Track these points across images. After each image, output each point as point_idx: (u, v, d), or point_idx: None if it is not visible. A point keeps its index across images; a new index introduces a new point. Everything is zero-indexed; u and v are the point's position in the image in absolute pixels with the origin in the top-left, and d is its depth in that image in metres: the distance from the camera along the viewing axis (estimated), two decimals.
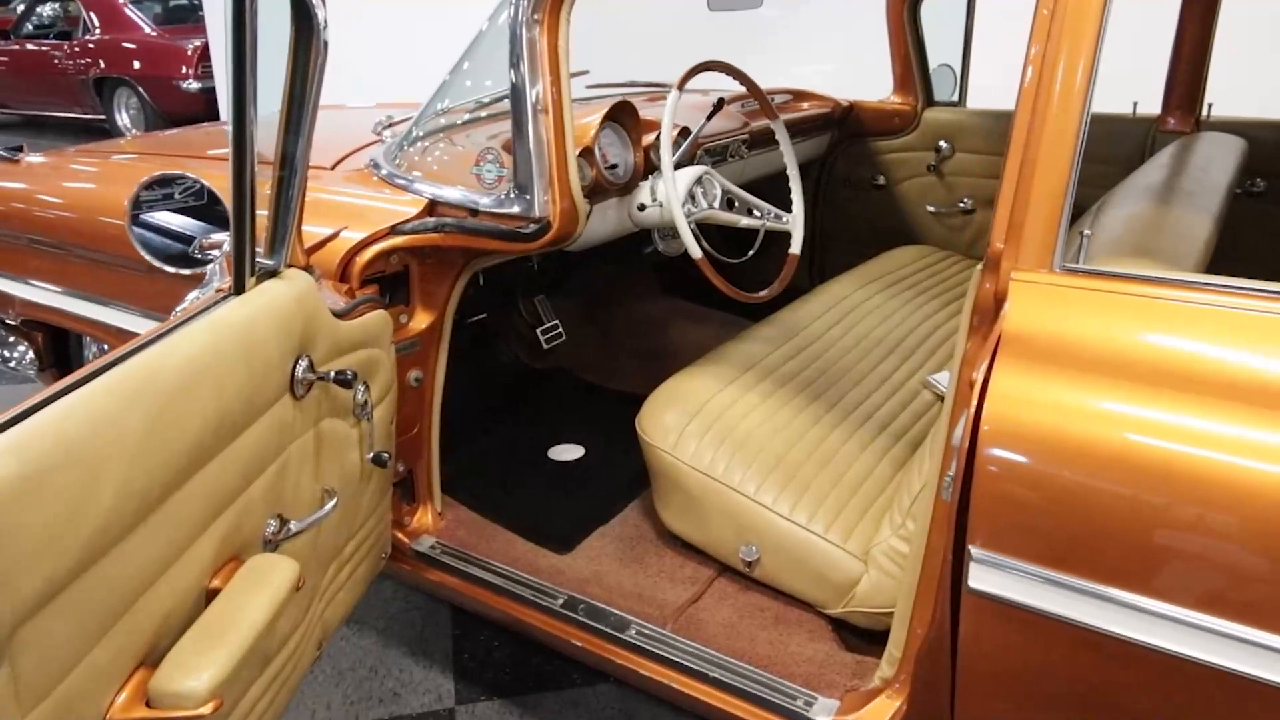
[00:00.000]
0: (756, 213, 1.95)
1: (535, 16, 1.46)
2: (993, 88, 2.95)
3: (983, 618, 1.08)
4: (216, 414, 0.95)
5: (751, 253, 1.92)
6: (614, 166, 1.90)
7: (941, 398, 1.93)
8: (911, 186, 2.95)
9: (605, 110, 1.80)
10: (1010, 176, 1.12)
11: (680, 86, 1.75)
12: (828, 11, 3.67)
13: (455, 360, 1.82)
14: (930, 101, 2.90)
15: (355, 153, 1.99)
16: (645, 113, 1.92)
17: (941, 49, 2.91)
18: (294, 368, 1.14)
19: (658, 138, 1.97)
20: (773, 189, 2.74)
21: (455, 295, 1.74)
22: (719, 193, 1.88)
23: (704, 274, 1.75)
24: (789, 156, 2.02)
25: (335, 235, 1.54)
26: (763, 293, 1.87)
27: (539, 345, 2.48)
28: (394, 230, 1.62)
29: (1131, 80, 3.06)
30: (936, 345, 2.13)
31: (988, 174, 2.79)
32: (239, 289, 1.09)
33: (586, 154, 1.72)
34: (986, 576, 1.04)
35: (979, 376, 1.05)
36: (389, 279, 1.68)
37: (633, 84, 2.80)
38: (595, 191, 1.75)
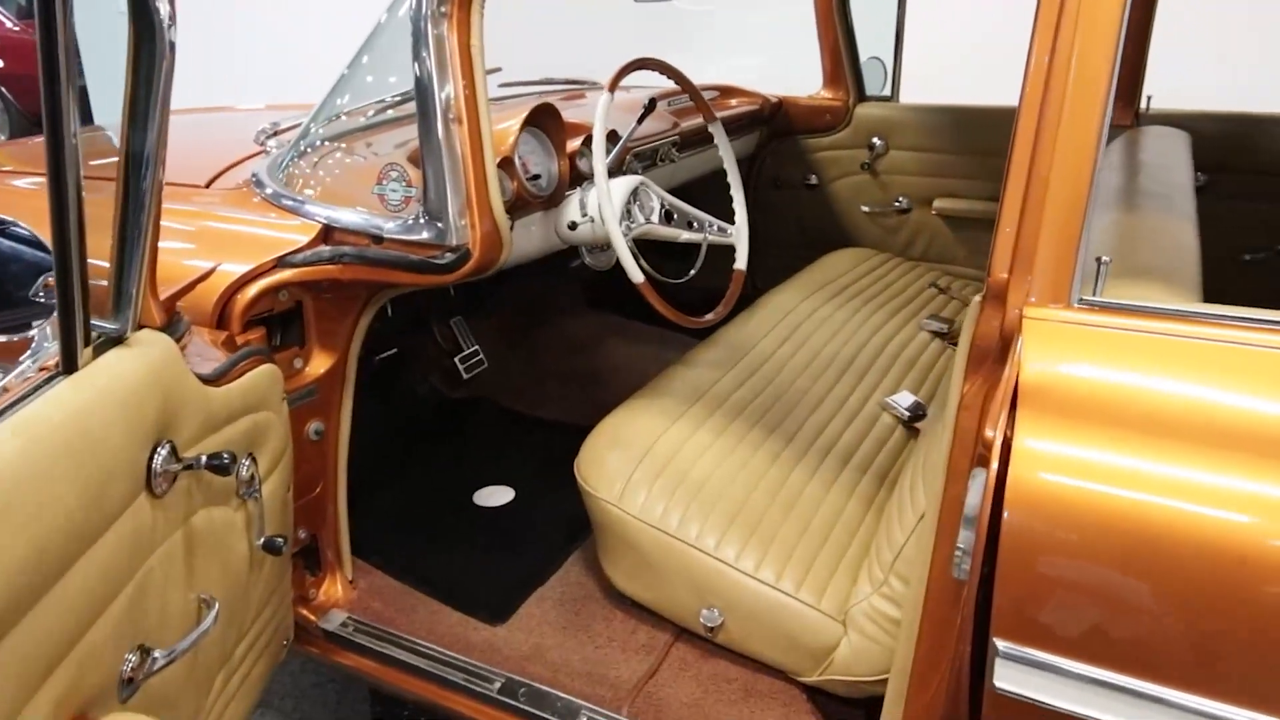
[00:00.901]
0: (696, 225, 1.77)
1: (442, 10, 1.23)
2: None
3: None
4: (34, 550, 0.71)
5: (693, 272, 1.73)
6: (536, 177, 1.69)
7: (903, 421, 1.78)
8: (844, 186, 2.82)
9: (525, 114, 1.59)
10: (1013, 195, 0.95)
11: (612, 88, 1.55)
12: (749, 2, 3.51)
13: (362, 396, 1.58)
14: (862, 96, 2.76)
15: (234, 167, 1.72)
16: (566, 114, 1.71)
17: (868, 41, 2.78)
18: (151, 459, 0.90)
19: (584, 144, 1.77)
20: (704, 193, 2.57)
21: (359, 332, 1.50)
22: (656, 205, 1.69)
23: (645, 299, 1.56)
24: (730, 162, 1.84)
25: (209, 273, 1.28)
26: (708, 316, 1.68)
27: (458, 374, 2.24)
28: (281, 262, 1.37)
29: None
30: (890, 362, 1.98)
31: (922, 172, 2.68)
32: (69, 367, 0.84)
33: (506, 164, 1.50)
34: (1018, 677, 0.88)
35: (996, 433, 0.89)
36: (279, 318, 1.43)
37: (549, 81, 2.58)
38: (517, 206, 1.54)
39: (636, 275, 1.51)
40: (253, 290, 1.34)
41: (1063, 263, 0.92)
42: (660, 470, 1.49)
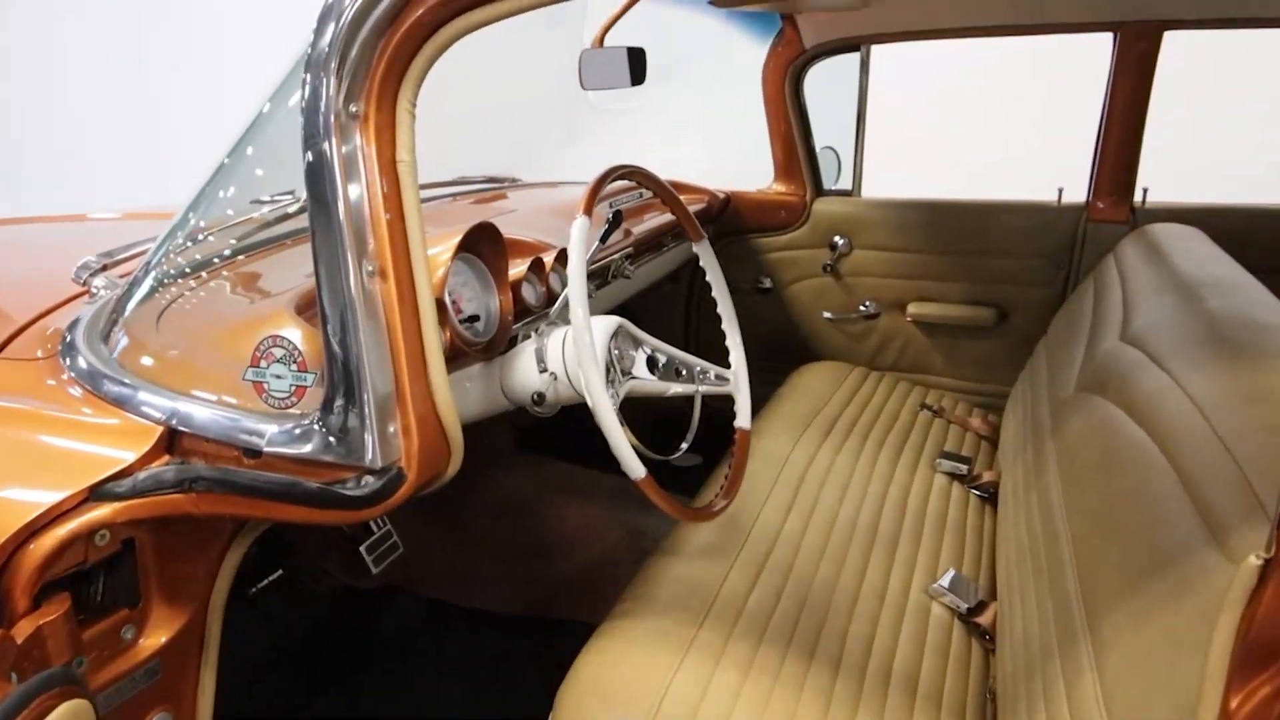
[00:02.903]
0: (686, 374, 1.36)
1: (353, 110, 0.80)
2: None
3: None
4: None
5: (685, 446, 1.30)
6: (473, 319, 1.26)
7: (959, 615, 1.39)
8: (803, 289, 2.49)
9: (456, 238, 1.16)
10: None
11: (588, 209, 1.13)
12: (682, 89, 3.20)
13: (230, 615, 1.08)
14: (820, 191, 2.45)
15: (40, 321, 1.21)
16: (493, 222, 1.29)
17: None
18: None
19: (531, 269, 1.37)
20: (648, 304, 2.18)
21: (225, 574, 1.01)
22: (638, 353, 1.27)
23: (645, 495, 1.13)
24: (720, 290, 1.45)
25: None
26: (720, 504, 1.27)
27: (365, 566, 1.73)
28: (98, 493, 0.88)
29: (1020, 161, 2.78)
30: (917, 524, 1.60)
31: (891, 273, 2.38)
32: None
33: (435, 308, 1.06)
34: None
35: None
36: (96, 568, 0.93)
37: (464, 181, 2.16)
38: (448, 360, 1.10)
39: (638, 469, 1.08)
40: (50, 541, 0.85)
41: None
42: None
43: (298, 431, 0.86)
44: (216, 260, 1.17)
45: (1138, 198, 2.10)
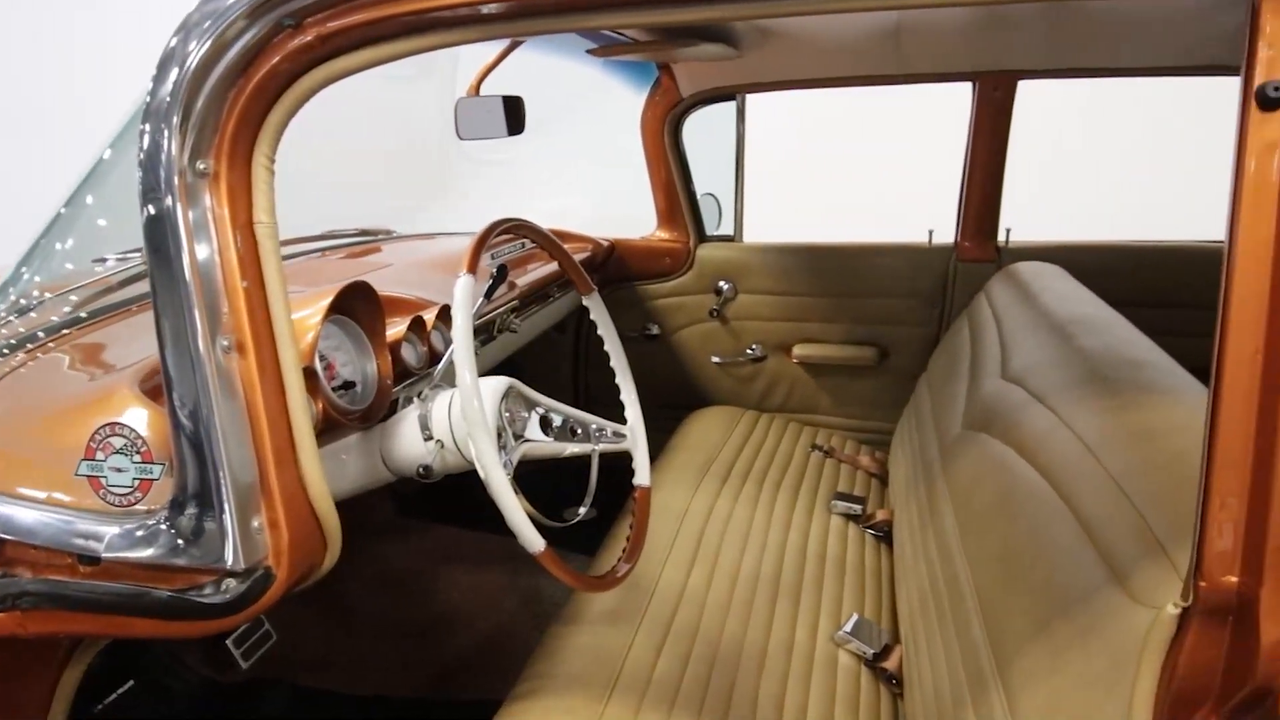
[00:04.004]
0: (582, 433, 1.30)
1: (201, 167, 0.71)
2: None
3: None
4: None
5: (582, 511, 1.24)
6: (348, 386, 1.17)
7: (866, 661, 1.37)
8: (691, 335, 2.48)
9: (327, 299, 1.08)
10: (1235, 438, 0.58)
11: (472, 267, 1.07)
12: (561, 138, 3.18)
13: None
14: (703, 237, 2.46)
15: None
16: (366, 278, 1.21)
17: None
18: None
19: (411, 328, 1.29)
20: (534, 356, 2.12)
21: (63, 697, 0.88)
22: (530, 414, 1.21)
23: (546, 569, 1.06)
24: (613, 344, 1.40)
25: None
26: (623, 569, 1.20)
27: (234, 661, 1.58)
28: None
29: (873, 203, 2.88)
30: (818, 568, 1.58)
31: (776, 316, 2.40)
32: None
33: (305, 377, 0.97)
34: None
35: None
36: None
37: (333, 235, 2.05)
38: (322, 433, 1.01)
39: (537, 543, 1.01)
40: None
41: None
42: None
43: (142, 533, 0.75)
44: (45, 330, 1.05)
45: (1001, 237, 2.19)
